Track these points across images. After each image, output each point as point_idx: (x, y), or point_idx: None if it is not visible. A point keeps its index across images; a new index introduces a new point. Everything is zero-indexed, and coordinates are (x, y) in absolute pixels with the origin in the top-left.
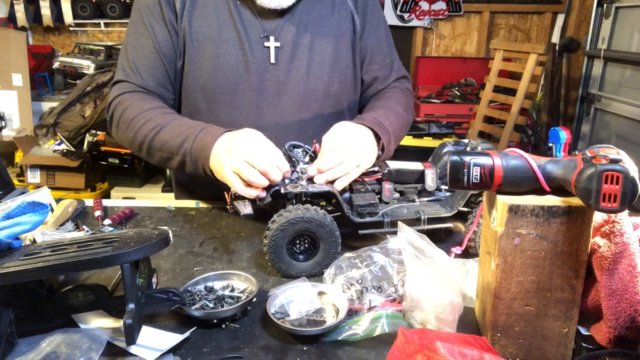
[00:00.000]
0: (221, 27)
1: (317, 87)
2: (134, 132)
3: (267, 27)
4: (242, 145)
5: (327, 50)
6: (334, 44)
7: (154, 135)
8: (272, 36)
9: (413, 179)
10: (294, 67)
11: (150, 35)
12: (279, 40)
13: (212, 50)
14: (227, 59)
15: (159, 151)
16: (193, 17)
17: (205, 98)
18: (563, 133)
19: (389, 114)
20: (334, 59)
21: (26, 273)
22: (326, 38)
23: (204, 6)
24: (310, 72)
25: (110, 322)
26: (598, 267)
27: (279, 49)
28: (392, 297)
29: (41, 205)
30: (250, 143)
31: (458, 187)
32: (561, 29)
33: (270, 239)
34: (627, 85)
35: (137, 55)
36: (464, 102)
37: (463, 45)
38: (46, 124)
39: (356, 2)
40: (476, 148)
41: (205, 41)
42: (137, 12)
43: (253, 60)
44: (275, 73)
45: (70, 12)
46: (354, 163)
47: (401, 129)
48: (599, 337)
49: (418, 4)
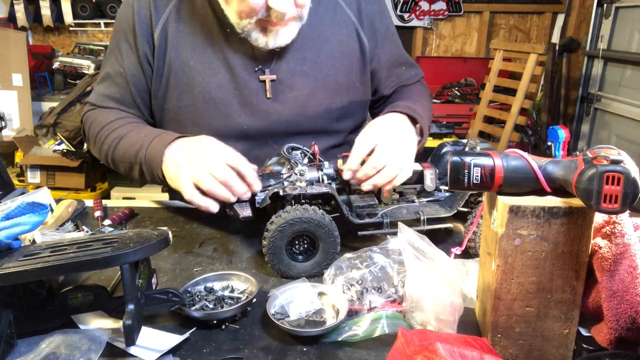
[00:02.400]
0: (210, 60)
1: (316, 114)
2: (98, 145)
3: (261, 59)
4: (203, 153)
5: (328, 75)
6: (335, 67)
7: (115, 146)
8: (267, 69)
9: (412, 180)
10: (292, 97)
11: (121, 61)
12: (275, 73)
13: (201, 85)
14: (218, 93)
15: (121, 162)
16: (180, 50)
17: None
18: (562, 132)
19: (415, 103)
20: (335, 83)
21: (26, 274)
22: (326, 62)
23: (191, 35)
24: (309, 101)
25: (110, 322)
26: (599, 268)
27: (275, 83)
28: (392, 298)
29: (41, 206)
30: (211, 151)
31: (458, 187)
32: (561, 29)
33: (269, 240)
34: (627, 85)
35: (107, 83)
36: (464, 102)
37: (463, 45)
38: (46, 124)
39: (361, 18)
40: (475, 148)
41: (194, 75)
42: (115, 33)
43: (247, 94)
44: (272, 105)
45: (70, 12)
46: (398, 164)
47: (428, 118)
48: (599, 338)
49: (418, 4)
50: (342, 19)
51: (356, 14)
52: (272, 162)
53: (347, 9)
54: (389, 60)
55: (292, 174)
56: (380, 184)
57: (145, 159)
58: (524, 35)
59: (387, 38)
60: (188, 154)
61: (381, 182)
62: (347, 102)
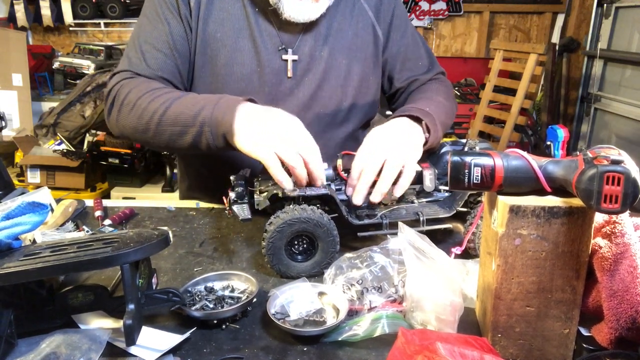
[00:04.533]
0: (237, 36)
1: (330, 100)
2: (140, 110)
3: (285, 40)
4: (281, 124)
5: (342, 63)
6: (349, 58)
7: (166, 109)
8: (290, 49)
9: (411, 180)
10: (308, 80)
11: (165, 28)
12: (297, 54)
13: (225, 59)
14: (241, 69)
15: (171, 125)
16: (208, 21)
17: None
18: (561, 131)
19: (428, 102)
20: (347, 72)
21: (26, 273)
22: (343, 51)
23: (220, 11)
24: (323, 86)
25: (110, 322)
26: (599, 267)
27: (296, 63)
28: (392, 298)
29: (41, 206)
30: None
31: (459, 187)
32: (561, 29)
33: (268, 241)
34: (627, 85)
35: (147, 47)
36: (464, 102)
37: (463, 45)
38: (46, 124)
39: (378, 13)
40: (474, 148)
41: (219, 48)
42: (150, 2)
43: (269, 71)
44: (289, 85)
45: (70, 12)
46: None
47: (446, 116)
48: (599, 338)
49: (418, 4)
50: (360, 13)
51: (373, 8)
52: None
53: (365, 4)
54: (402, 51)
55: None
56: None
57: (212, 118)
58: (524, 35)
59: (399, 32)
60: (265, 121)
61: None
62: (359, 93)
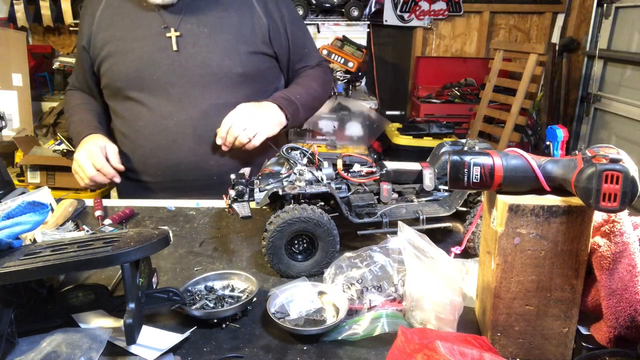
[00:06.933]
0: (129, 27)
1: (219, 70)
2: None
3: (167, 21)
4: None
5: (227, 38)
6: (235, 35)
7: (69, 124)
8: (172, 27)
9: (411, 179)
10: (195, 52)
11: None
12: (179, 30)
13: (125, 48)
14: (141, 55)
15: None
16: (110, 23)
17: (131, 88)
18: (560, 131)
19: (298, 88)
20: (235, 47)
21: (26, 273)
22: (226, 29)
23: (115, 13)
24: (211, 57)
25: (111, 321)
26: (598, 266)
27: (180, 38)
28: (392, 297)
29: (41, 205)
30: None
31: (458, 187)
32: (561, 29)
33: (268, 241)
34: (627, 85)
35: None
36: (464, 102)
37: (463, 45)
38: (46, 124)
39: (266, 6)
40: (474, 147)
41: (119, 42)
42: None
43: (156, 48)
44: (178, 59)
45: (70, 12)
46: (240, 127)
47: (313, 100)
48: (598, 336)
49: (418, 4)
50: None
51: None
52: (271, 162)
53: None
54: (295, 40)
55: (291, 173)
56: (230, 139)
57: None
58: (524, 35)
59: (290, 20)
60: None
61: (231, 136)
62: (250, 67)
